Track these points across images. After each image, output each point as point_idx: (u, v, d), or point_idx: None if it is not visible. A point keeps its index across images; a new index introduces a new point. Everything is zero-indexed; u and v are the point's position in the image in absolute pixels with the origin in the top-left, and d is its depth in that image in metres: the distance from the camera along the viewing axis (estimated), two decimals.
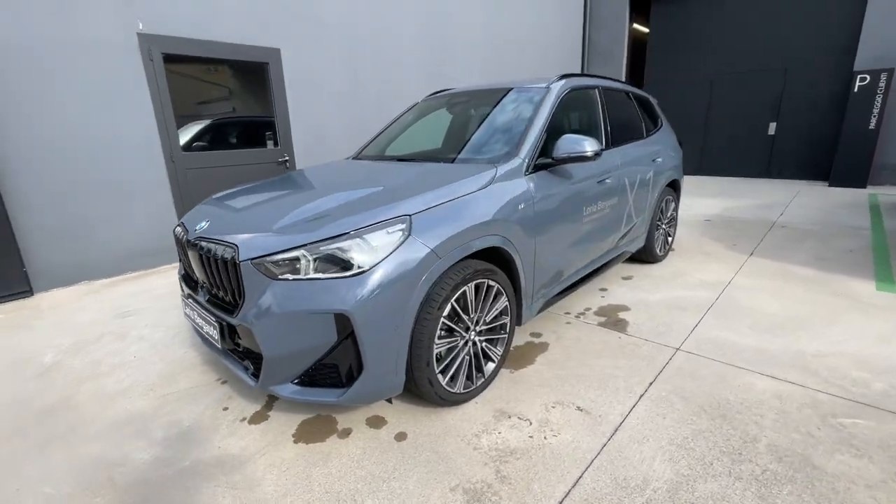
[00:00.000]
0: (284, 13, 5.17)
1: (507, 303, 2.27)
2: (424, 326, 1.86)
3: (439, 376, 1.98)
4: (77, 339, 3.00)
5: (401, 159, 2.79)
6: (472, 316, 2.09)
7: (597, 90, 3.16)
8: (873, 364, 2.37)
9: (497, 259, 2.27)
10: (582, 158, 2.45)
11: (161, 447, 1.95)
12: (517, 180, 2.31)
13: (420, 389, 1.95)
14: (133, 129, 4.27)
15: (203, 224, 2.07)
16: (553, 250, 2.56)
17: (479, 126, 2.79)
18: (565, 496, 1.62)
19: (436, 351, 1.93)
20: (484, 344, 2.21)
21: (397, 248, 1.74)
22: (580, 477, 1.70)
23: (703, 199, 7.37)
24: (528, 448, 1.86)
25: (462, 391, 2.11)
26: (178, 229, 2.28)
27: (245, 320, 1.75)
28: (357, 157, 3.23)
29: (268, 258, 1.69)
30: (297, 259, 1.67)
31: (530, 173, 2.40)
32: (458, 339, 2.06)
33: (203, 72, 4.82)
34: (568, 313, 3.13)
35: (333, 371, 1.77)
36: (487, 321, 2.19)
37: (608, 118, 3.19)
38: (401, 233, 1.78)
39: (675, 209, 4.28)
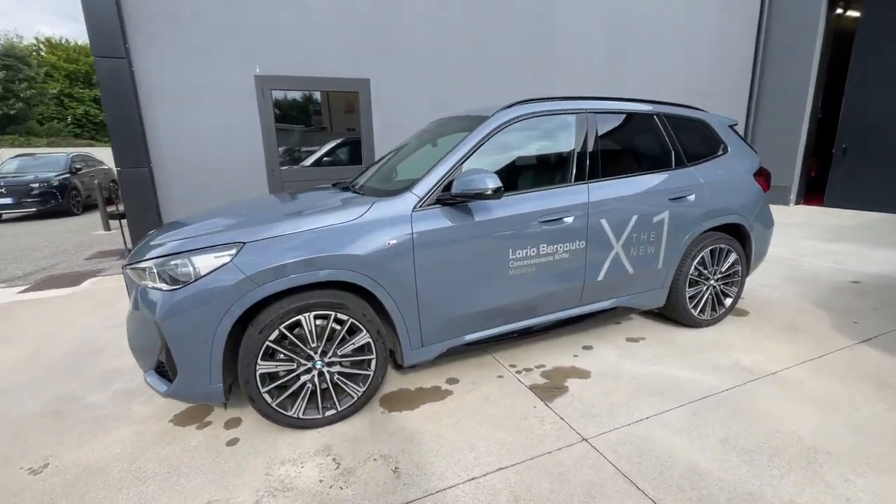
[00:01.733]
0: (374, 48, 5.81)
1: (369, 339, 2.21)
2: (247, 346, 2.00)
3: (266, 395, 2.08)
4: None
5: (345, 188, 2.92)
6: (313, 346, 2.12)
7: (575, 115, 2.71)
8: None
9: (368, 293, 2.23)
10: (480, 196, 2.21)
11: (99, 398, 2.57)
12: (396, 216, 2.22)
13: (251, 404, 2.10)
14: (245, 147, 5.45)
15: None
16: (451, 293, 2.35)
17: (414, 155, 2.74)
18: None
19: (262, 371, 2.05)
20: (337, 376, 2.21)
21: (214, 271, 1.94)
22: None
23: (878, 249, 5.25)
24: (312, 492, 1.82)
25: (301, 416, 2.16)
26: None
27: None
28: (335, 183, 3.36)
29: (129, 266, 2.10)
30: (144, 270, 2.03)
31: (427, 208, 2.27)
32: (298, 365, 2.12)
33: (306, 101, 5.80)
34: (513, 366, 2.77)
35: (165, 368, 2.07)
36: (341, 354, 2.19)
37: (594, 147, 2.70)
38: (228, 257, 1.97)
39: (744, 263, 3.25)
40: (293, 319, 2.05)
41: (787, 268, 4.67)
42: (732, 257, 3.20)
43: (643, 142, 2.94)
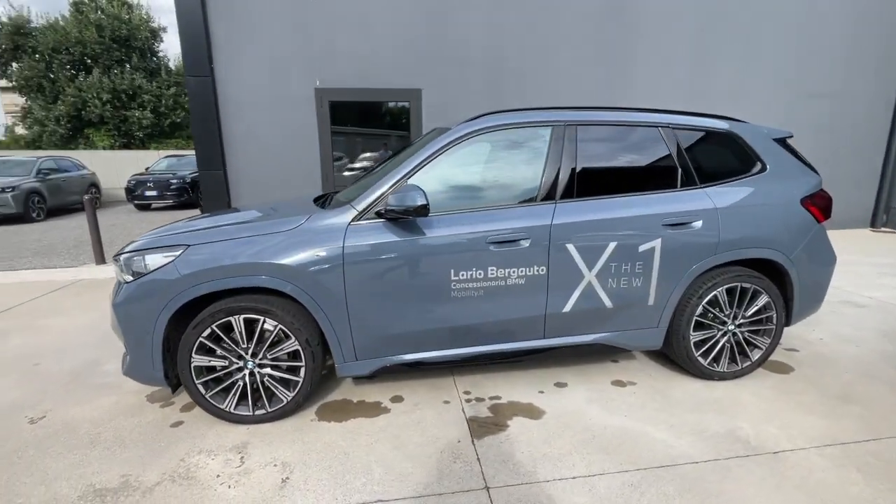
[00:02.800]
0: (427, 59, 5.91)
1: (297, 347, 2.27)
2: (184, 341, 2.20)
3: (200, 387, 2.26)
4: None
5: (322, 199, 2.99)
6: (244, 346, 2.25)
7: (550, 128, 2.45)
8: None
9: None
10: (409, 213, 2.14)
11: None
12: (331, 229, 2.24)
13: (187, 392, 2.30)
14: (304, 154, 5.96)
15: None
16: (386, 310, 2.30)
17: (388, 167, 2.72)
18: None
19: (196, 364, 2.23)
20: (268, 379, 2.31)
21: (159, 268, 2.16)
22: None
23: None
24: (203, 485, 1.93)
25: (232, 411, 2.30)
26: None
27: None
28: (321, 196, 3.25)
29: (115, 257, 2.43)
30: (118, 263, 2.34)
31: (365, 222, 2.25)
32: (230, 363, 2.27)
33: (361, 111, 6.14)
34: (468, 393, 2.60)
35: None
36: (271, 357, 2.28)
37: (571, 162, 2.41)
38: (173, 257, 2.18)
39: (780, 308, 2.62)
40: (224, 320, 2.20)
41: (886, 316, 3.65)
42: (762, 300, 2.60)
43: (638, 158, 2.54)
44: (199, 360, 2.23)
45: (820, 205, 2.64)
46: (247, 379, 2.30)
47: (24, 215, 9.81)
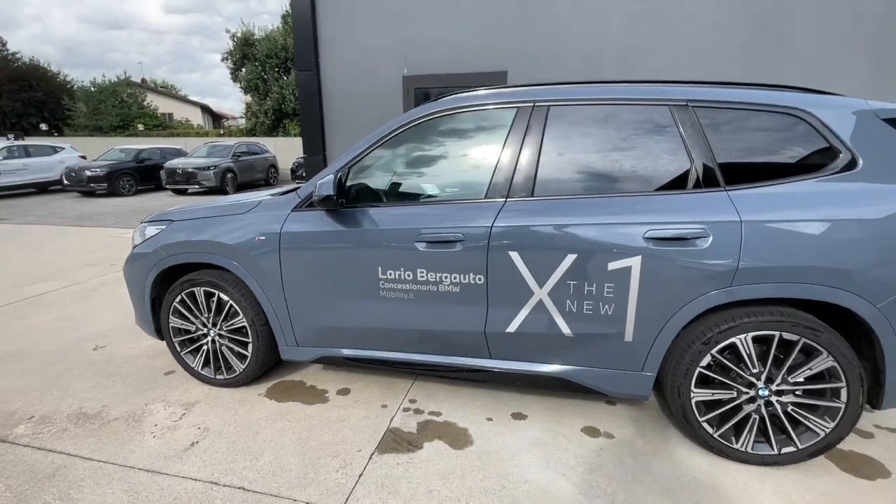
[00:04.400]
0: (515, 38, 5.47)
1: (244, 323, 2.40)
2: (165, 304, 2.54)
3: (177, 345, 2.58)
4: None
5: None
6: (206, 316, 2.48)
7: (515, 109, 2.00)
8: None
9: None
10: (322, 203, 2.04)
11: None
12: (274, 214, 2.28)
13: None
14: None
15: None
16: (318, 300, 2.26)
17: None
18: None
19: (173, 326, 2.55)
20: (225, 348, 2.50)
21: (149, 238, 2.51)
22: None
23: None
24: (142, 430, 2.22)
25: (199, 370, 2.58)
26: None
27: None
28: None
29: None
30: (135, 230, 2.78)
31: (307, 210, 2.23)
32: (196, 329, 2.53)
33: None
34: (413, 402, 2.40)
35: None
36: (227, 329, 2.46)
37: (534, 153, 1.96)
38: (159, 230, 2.51)
39: (856, 379, 1.70)
40: (189, 290, 2.46)
41: None
42: (822, 362, 1.73)
43: (634, 147, 1.90)
44: (174, 322, 2.55)
45: None
46: (209, 345, 2.54)
47: (221, 188, 12.57)
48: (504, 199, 1.98)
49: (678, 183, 1.84)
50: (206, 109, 35.72)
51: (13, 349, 3.11)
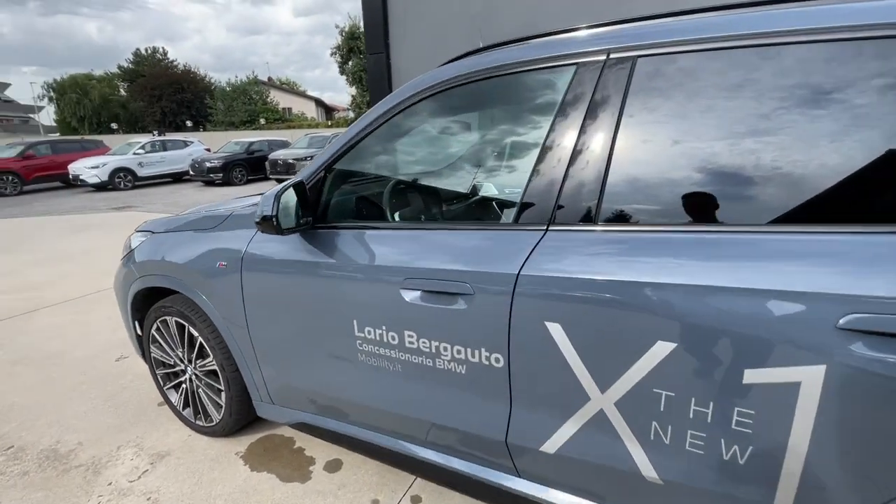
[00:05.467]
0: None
1: (215, 367, 1.90)
2: (144, 329, 2.15)
3: (160, 377, 2.19)
4: None
5: None
6: (181, 351, 2.03)
7: (573, 68, 1.13)
8: None
9: None
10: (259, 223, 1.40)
11: None
12: (240, 231, 1.70)
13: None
14: None
15: None
16: (286, 349, 1.65)
17: None
18: None
19: (153, 356, 2.16)
20: (202, 391, 2.04)
21: (131, 251, 2.11)
22: None
23: None
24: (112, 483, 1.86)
25: (180, 409, 2.16)
26: None
27: None
28: None
29: None
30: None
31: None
32: (175, 364, 2.10)
33: None
34: (417, 499, 1.69)
35: None
36: (200, 370, 1.99)
37: (602, 144, 1.08)
38: (141, 242, 2.11)
39: None
40: (162, 318, 2.02)
41: None
42: None
43: (802, 132, 0.91)
44: (154, 352, 2.16)
45: None
46: (187, 385, 2.10)
47: None
48: (544, 228, 1.14)
49: None
50: (319, 103, 38.41)
51: (54, 351, 3.07)
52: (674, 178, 1.03)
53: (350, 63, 27.02)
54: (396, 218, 1.58)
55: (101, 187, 12.92)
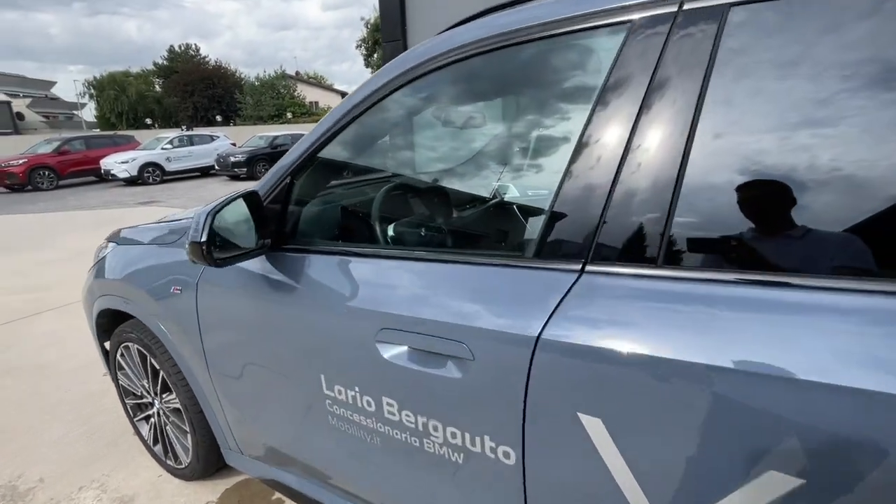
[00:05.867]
0: None
1: (179, 405, 1.61)
2: (110, 354, 1.89)
3: (129, 407, 1.93)
4: None
5: None
6: (144, 383, 1.75)
7: (625, 28, 0.74)
8: None
9: None
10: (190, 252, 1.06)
11: None
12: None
13: None
14: None
15: None
16: (250, 394, 1.33)
17: None
18: None
19: (121, 384, 1.90)
20: (170, 428, 1.76)
21: (96, 262, 1.84)
22: None
23: None
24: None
25: (151, 445, 1.90)
26: None
27: None
28: None
29: None
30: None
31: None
32: (143, 396, 1.83)
33: None
34: None
35: None
36: (166, 407, 1.71)
37: (684, 134, 0.70)
38: (106, 252, 1.83)
39: None
40: (125, 344, 1.75)
41: None
42: None
43: None
44: (121, 378, 1.90)
45: None
46: (156, 419, 1.83)
47: None
48: (579, 268, 0.76)
49: None
50: (345, 96, 38.53)
51: (46, 361, 2.89)
52: (797, 195, 0.63)
53: (375, 55, 26.81)
54: (381, 238, 1.24)
55: (131, 182, 13.15)
